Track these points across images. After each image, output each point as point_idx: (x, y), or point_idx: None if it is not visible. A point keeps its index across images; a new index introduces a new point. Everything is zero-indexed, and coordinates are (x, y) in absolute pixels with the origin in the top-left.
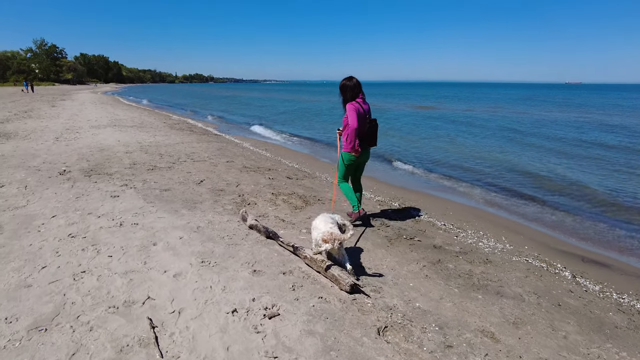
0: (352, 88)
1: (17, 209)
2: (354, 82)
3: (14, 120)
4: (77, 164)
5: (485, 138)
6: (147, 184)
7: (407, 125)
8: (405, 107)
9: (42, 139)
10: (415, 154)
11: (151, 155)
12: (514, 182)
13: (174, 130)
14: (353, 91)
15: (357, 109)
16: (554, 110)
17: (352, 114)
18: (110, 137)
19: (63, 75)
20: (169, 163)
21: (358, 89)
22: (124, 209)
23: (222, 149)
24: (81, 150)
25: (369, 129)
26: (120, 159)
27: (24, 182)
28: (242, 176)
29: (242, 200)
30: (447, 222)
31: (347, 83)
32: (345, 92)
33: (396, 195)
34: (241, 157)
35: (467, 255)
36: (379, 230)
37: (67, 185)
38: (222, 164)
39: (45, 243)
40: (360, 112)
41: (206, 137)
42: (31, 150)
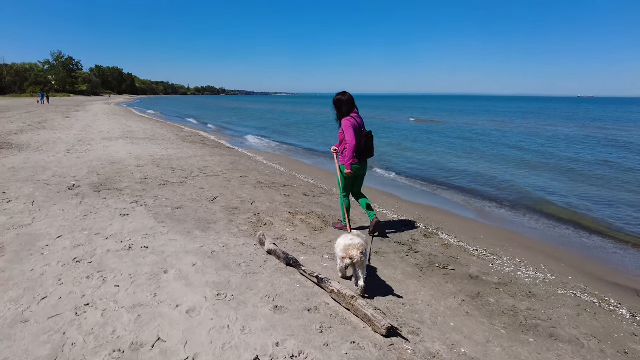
0: (347, 103)
1: (22, 228)
2: (348, 97)
3: (28, 131)
4: (87, 178)
5: (502, 153)
6: (158, 200)
7: (421, 139)
8: (414, 121)
9: (53, 150)
10: (435, 169)
11: (163, 169)
12: (543, 202)
13: (186, 143)
14: (347, 106)
15: (354, 125)
16: (572, 125)
17: (349, 131)
18: (121, 149)
19: (78, 87)
20: (181, 178)
21: (352, 104)
22: (134, 229)
23: (235, 163)
24: (92, 163)
25: (366, 142)
26: (131, 172)
27: (31, 197)
28: (256, 193)
29: (258, 220)
30: (479, 247)
31: (341, 98)
32: (340, 107)
33: (421, 215)
34: (255, 172)
35: (507, 288)
36: (408, 257)
37: (76, 202)
38: (235, 179)
39: (48, 268)
40: (356, 127)
41: (219, 151)
42: (42, 163)
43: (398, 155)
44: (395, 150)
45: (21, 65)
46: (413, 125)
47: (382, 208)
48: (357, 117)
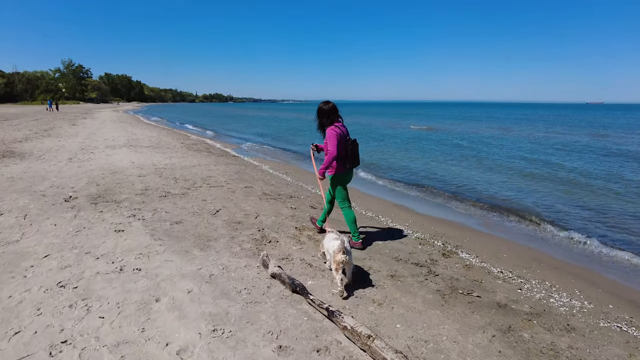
0: (328, 112)
1: (8, 245)
2: (330, 107)
3: (33, 139)
4: (85, 189)
5: (516, 163)
6: (157, 214)
7: (427, 148)
8: (416, 128)
9: (55, 159)
10: (447, 179)
11: (165, 179)
12: (566, 217)
13: (191, 151)
14: (329, 115)
15: (338, 134)
16: (586, 133)
17: (332, 140)
18: (124, 158)
19: (88, 94)
20: (184, 189)
21: (335, 113)
22: (127, 247)
23: (240, 173)
24: (92, 172)
25: (352, 150)
26: (132, 183)
27: (25, 209)
28: (261, 205)
29: (262, 236)
30: (503, 268)
31: (323, 107)
32: (322, 116)
33: (437, 232)
34: (260, 182)
35: (541, 319)
36: (427, 281)
37: (70, 215)
38: (240, 190)
39: (27, 295)
40: (341, 137)
41: (224, 159)
42: (42, 172)
43: (406, 165)
44: (403, 159)
45: (33, 73)
46: (416, 132)
47: (395, 222)
48: (341, 126)
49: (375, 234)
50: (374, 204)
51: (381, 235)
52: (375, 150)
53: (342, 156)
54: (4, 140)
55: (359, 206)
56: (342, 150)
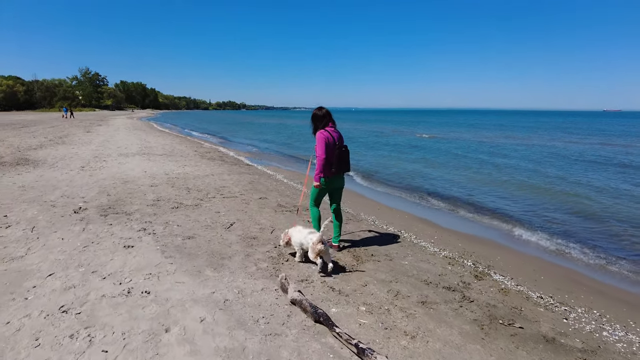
0: (322, 118)
1: (12, 261)
2: (324, 112)
3: (47, 147)
4: (95, 199)
5: (540, 173)
6: (168, 227)
7: (443, 157)
8: (428, 137)
9: (68, 167)
10: (468, 190)
11: (178, 189)
12: (603, 232)
13: (205, 159)
14: (323, 120)
15: (327, 138)
16: (612, 142)
17: (320, 144)
18: (137, 167)
19: (103, 102)
20: (197, 200)
21: (328, 118)
22: (137, 266)
23: (254, 183)
24: (104, 182)
25: (339, 155)
26: (143, 193)
27: (33, 221)
28: (277, 218)
29: (279, 253)
30: (542, 292)
31: (317, 113)
32: (316, 122)
33: (465, 250)
34: (275, 193)
35: (598, 358)
36: (462, 308)
37: (78, 228)
38: (254, 201)
39: (27, 321)
40: (330, 141)
41: (237, 168)
42: (53, 181)
43: (424, 175)
44: (420, 168)
45: (51, 81)
46: (426, 141)
47: (419, 239)
48: (332, 131)
49: (400, 252)
50: (395, 217)
51: (406, 254)
52: (388, 158)
53: (330, 160)
54: (19, 147)
55: (380, 220)
56: (330, 154)
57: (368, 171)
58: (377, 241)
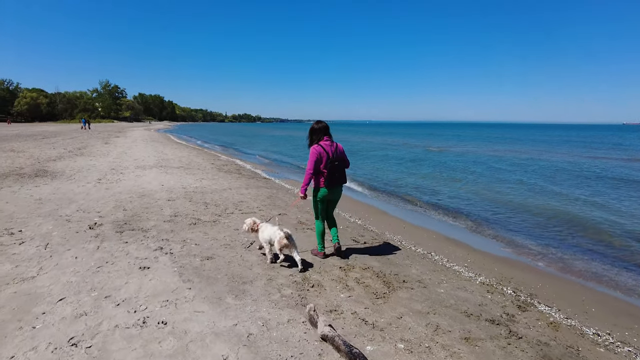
0: (317, 132)
1: (23, 282)
2: (320, 126)
3: (66, 158)
4: (111, 214)
5: (572, 188)
6: (186, 246)
7: (461, 170)
8: (437, 150)
9: (85, 179)
10: (495, 207)
11: (195, 204)
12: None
13: (222, 172)
14: (318, 135)
15: (319, 153)
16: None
17: (311, 159)
18: (154, 180)
19: (122, 113)
20: (215, 215)
21: (324, 132)
22: (153, 291)
23: (272, 197)
24: (120, 196)
25: (331, 169)
26: (160, 208)
27: (47, 237)
28: (299, 237)
29: (303, 277)
30: (598, 328)
31: (314, 127)
32: (312, 135)
33: (503, 275)
34: (295, 209)
35: None
36: (510, 346)
37: (93, 246)
38: (273, 218)
39: (32, 356)
40: (322, 156)
41: (255, 182)
42: (70, 194)
43: (447, 190)
44: (441, 183)
45: (72, 93)
46: (438, 154)
47: (452, 262)
48: (326, 146)
49: (434, 278)
50: (422, 237)
51: (440, 279)
52: (406, 173)
53: (322, 173)
54: (39, 158)
55: (407, 240)
56: (323, 167)
57: (387, 186)
58: (406, 265)
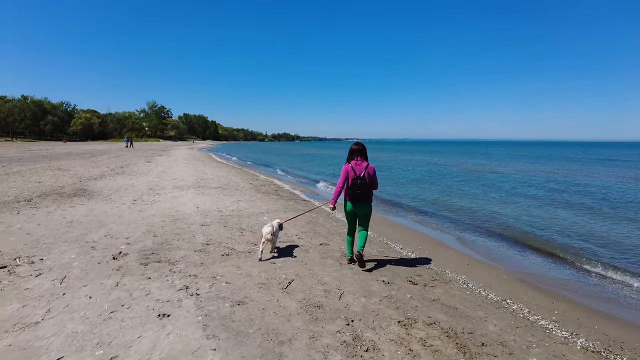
0: (351, 153)
1: (23, 331)
2: (353, 149)
3: (107, 177)
4: (140, 241)
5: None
6: (216, 285)
7: (510, 192)
8: (474, 169)
9: (120, 200)
10: (561, 236)
11: (230, 229)
12: None
13: (260, 193)
14: (352, 155)
15: (347, 171)
16: None
17: (341, 176)
18: (189, 201)
19: (167, 132)
20: (250, 244)
21: (356, 154)
22: (169, 352)
23: (312, 223)
24: (153, 219)
25: (352, 186)
26: (192, 234)
27: (66, 269)
28: (344, 275)
29: (354, 336)
30: None
31: (352, 147)
32: (348, 155)
33: (608, 336)
34: (337, 238)
35: None
36: None
37: (111, 282)
38: (314, 248)
39: None
40: (348, 173)
41: (293, 204)
42: (102, 216)
43: (504, 214)
44: (494, 205)
45: (122, 113)
46: (479, 174)
47: (535, 314)
48: (355, 165)
49: (519, 339)
50: (490, 277)
51: (528, 342)
52: (456, 195)
53: (349, 189)
54: (81, 177)
55: (474, 281)
56: (349, 183)
57: (438, 210)
58: (480, 318)
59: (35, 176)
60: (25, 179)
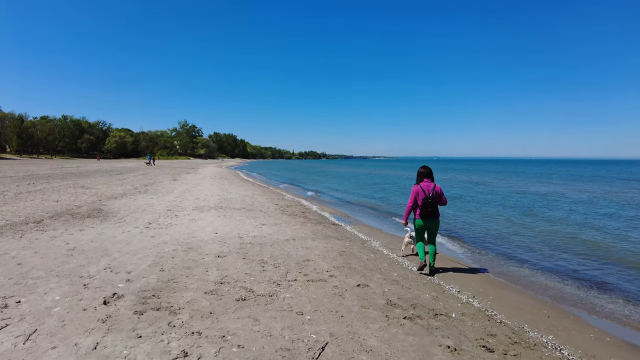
0: (419, 175)
1: None
2: (421, 171)
3: (128, 196)
4: (142, 277)
5: None
6: (224, 350)
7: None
8: (537, 188)
9: (134, 222)
10: None
11: (250, 263)
12: None
13: (285, 215)
14: (420, 177)
15: (417, 191)
16: None
17: (411, 196)
18: (208, 225)
19: (197, 151)
20: (272, 284)
21: (424, 175)
22: None
23: (346, 254)
24: (164, 247)
25: (424, 204)
26: (205, 269)
27: (42, 318)
28: (395, 337)
29: None
30: None
31: (420, 170)
32: (417, 177)
33: None
34: (377, 274)
35: None
36: None
37: (88, 343)
38: (351, 291)
39: None
40: (419, 194)
41: (322, 229)
42: (108, 243)
43: (579, 253)
44: (554, 236)
45: (154, 132)
46: (525, 195)
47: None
48: (425, 186)
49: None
50: (584, 339)
51: None
52: (505, 221)
53: (419, 207)
54: (102, 195)
55: (567, 347)
56: (420, 202)
57: (493, 240)
58: None
59: (56, 194)
60: (44, 198)
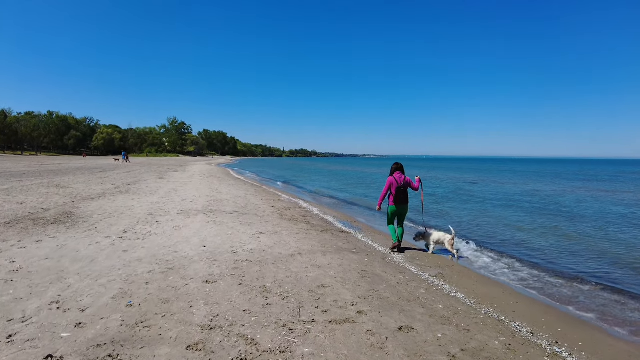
0: (392, 169)
1: None
2: (394, 167)
3: (106, 196)
4: (99, 319)
5: None
6: None
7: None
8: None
9: (106, 231)
10: None
11: (248, 292)
12: None
13: (285, 221)
14: (392, 171)
15: (392, 182)
16: None
17: (386, 185)
18: (195, 235)
19: (187, 148)
20: (281, 329)
21: (394, 169)
22: None
23: (368, 276)
24: (137, 267)
25: (397, 192)
26: (189, 303)
27: None
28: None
29: None
30: None
31: (393, 167)
32: (390, 171)
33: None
34: (420, 309)
35: None
36: None
37: None
38: (393, 340)
39: None
40: (393, 183)
41: (331, 238)
42: (67, 260)
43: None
44: (588, 241)
45: (143, 129)
46: (534, 195)
47: None
48: (397, 177)
49: None
50: None
51: None
52: (529, 226)
53: (392, 194)
54: (77, 196)
55: None
56: (394, 191)
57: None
58: None
59: (23, 195)
60: (7, 199)
